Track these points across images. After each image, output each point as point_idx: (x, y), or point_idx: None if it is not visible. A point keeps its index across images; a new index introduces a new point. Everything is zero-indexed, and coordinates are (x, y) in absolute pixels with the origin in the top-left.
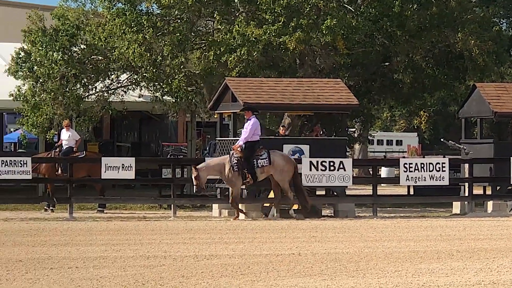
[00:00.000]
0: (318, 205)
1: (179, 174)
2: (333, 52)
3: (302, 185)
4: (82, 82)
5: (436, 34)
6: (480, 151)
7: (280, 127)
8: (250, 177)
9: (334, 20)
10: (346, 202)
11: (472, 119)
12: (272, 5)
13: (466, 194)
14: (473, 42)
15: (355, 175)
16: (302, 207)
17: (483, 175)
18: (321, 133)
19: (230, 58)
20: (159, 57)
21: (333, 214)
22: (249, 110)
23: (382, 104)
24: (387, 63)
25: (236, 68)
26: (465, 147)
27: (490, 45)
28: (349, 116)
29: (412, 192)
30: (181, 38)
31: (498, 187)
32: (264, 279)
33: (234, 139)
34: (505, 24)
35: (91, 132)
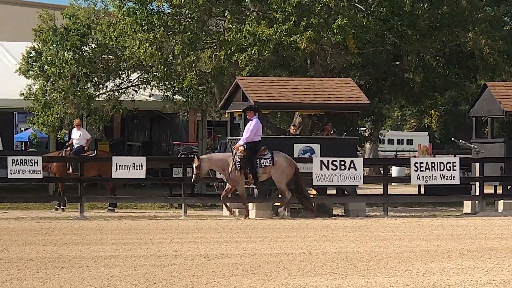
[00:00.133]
0: (329, 204)
1: (190, 173)
2: (344, 52)
3: (304, 187)
4: (93, 81)
5: (447, 33)
6: (491, 150)
7: (291, 126)
8: (251, 177)
9: (345, 20)
10: (357, 201)
11: (483, 118)
12: (283, 4)
13: (477, 194)
14: (484, 41)
15: (366, 175)
16: (305, 209)
17: (494, 174)
18: (332, 132)
19: (241, 58)
20: (170, 56)
21: (344, 213)
22: (252, 110)
23: (393, 103)
24: (398, 62)
25: (247, 68)
26: (476, 146)
27: (501, 44)
28: (360, 115)
29: (423, 192)
30: (192, 37)
31: (509, 186)
32: (275, 278)
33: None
34: None
35: (102, 131)
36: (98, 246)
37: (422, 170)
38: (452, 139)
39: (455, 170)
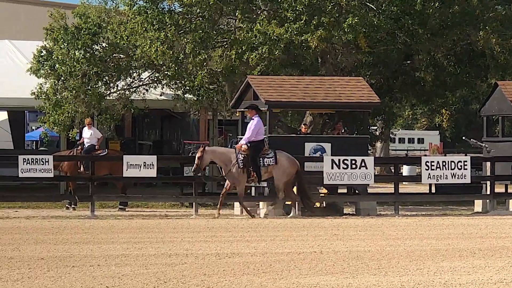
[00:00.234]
0: (340, 203)
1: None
2: (355, 50)
3: (306, 186)
4: (104, 80)
5: (458, 32)
6: (502, 149)
7: (302, 125)
8: (256, 176)
9: (356, 18)
10: (368, 200)
11: (494, 117)
12: (294, 3)
13: (488, 192)
14: (495, 40)
15: (377, 173)
16: (307, 208)
17: (505, 173)
18: (343, 131)
19: (252, 56)
20: (181, 55)
21: (355, 212)
22: (253, 109)
23: (404, 102)
24: (409, 61)
25: (258, 67)
26: (487, 145)
27: None
28: (371, 114)
29: (434, 190)
30: (203, 36)
31: None
32: (286, 277)
33: None
34: None
35: (113, 130)
36: (109, 245)
37: (433, 169)
38: (463, 138)
39: (466, 169)
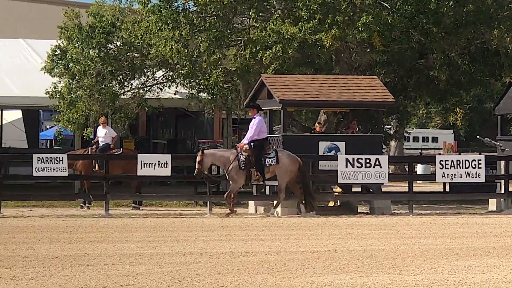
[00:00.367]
0: (354, 202)
1: (215, 171)
2: (369, 49)
3: (310, 184)
4: (118, 79)
5: (472, 31)
6: None
7: (316, 124)
8: (259, 175)
9: (370, 17)
10: (382, 199)
11: (508, 116)
12: (308, 2)
13: (502, 191)
14: (509, 39)
15: (391, 172)
16: (309, 206)
17: None
18: (357, 130)
19: (266, 55)
20: (196, 54)
21: (369, 211)
22: (254, 108)
23: (418, 101)
24: (423, 60)
25: (272, 66)
26: (501, 144)
27: None
28: (385, 113)
29: (448, 189)
30: (218, 35)
31: None
32: (300, 276)
33: (270, 136)
34: None
35: (127, 129)
36: (123, 244)
37: (447, 168)
38: (478, 137)
39: (480, 168)
